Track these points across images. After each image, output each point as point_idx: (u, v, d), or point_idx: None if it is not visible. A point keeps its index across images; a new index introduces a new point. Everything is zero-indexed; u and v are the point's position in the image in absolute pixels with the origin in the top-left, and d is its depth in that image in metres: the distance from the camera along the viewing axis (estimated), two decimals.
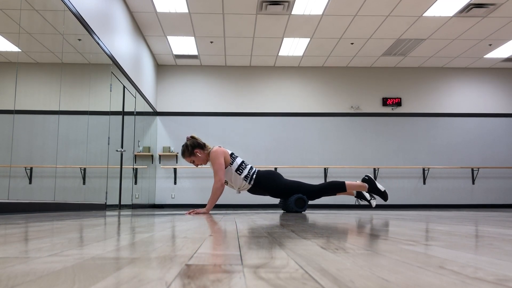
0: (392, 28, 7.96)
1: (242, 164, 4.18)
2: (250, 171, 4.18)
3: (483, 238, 1.19)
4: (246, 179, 4.15)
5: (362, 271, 0.61)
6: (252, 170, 4.20)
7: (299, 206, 4.14)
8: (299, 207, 4.14)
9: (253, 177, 4.17)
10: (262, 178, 4.20)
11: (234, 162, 4.14)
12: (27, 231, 1.44)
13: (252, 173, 4.19)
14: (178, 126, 9.88)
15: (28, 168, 4.02)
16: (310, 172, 9.84)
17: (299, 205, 4.14)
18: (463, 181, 9.98)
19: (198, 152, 4.08)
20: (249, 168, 4.20)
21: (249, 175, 4.16)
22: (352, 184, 4.32)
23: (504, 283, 0.52)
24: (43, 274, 0.59)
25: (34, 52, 4.18)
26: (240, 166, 4.15)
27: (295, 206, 4.13)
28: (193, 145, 4.08)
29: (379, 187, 4.34)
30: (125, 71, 6.94)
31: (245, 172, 4.15)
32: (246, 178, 4.15)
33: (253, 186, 4.20)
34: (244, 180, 4.15)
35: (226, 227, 1.71)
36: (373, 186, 4.33)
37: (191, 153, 4.08)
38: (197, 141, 4.12)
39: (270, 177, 4.23)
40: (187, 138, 4.17)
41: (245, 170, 4.16)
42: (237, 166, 4.14)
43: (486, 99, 10.24)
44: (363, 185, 4.33)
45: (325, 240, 1.11)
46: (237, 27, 7.90)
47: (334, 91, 10.17)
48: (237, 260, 0.72)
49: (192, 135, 4.19)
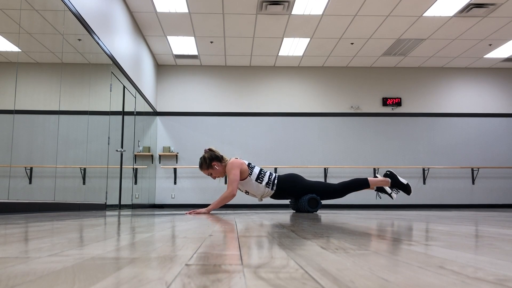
0: (392, 28, 7.96)
1: (261, 172, 4.15)
2: (270, 177, 4.16)
3: (483, 238, 1.19)
4: (268, 186, 4.13)
5: (362, 271, 0.61)
6: (273, 176, 4.18)
7: (312, 206, 4.14)
8: (312, 207, 4.14)
9: (274, 182, 4.14)
10: (284, 182, 4.18)
11: (253, 172, 4.11)
12: (27, 231, 1.44)
13: (273, 178, 4.16)
14: (178, 126, 9.88)
15: (28, 168, 4.02)
16: (310, 172, 9.84)
17: (312, 205, 4.14)
18: (463, 181, 9.98)
19: (216, 165, 4.04)
20: (268, 174, 4.18)
21: (270, 181, 4.14)
22: (376, 180, 4.31)
23: (504, 283, 0.52)
24: (43, 274, 0.59)
25: (34, 52, 4.18)
26: (259, 174, 4.13)
27: (308, 206, 4.12)
28: (211, 158, 4.05)
29: (402, 181, 4.32)
30: (125, 71, 6.94)
31: (265, 180, 4.12)
32: (268, 185, 4.12)
33: (276, 192, 4.17)
34: (267, 187, 4.12)
35: (226, 227, 1.71)
36: (396, 180, 4.31)
37: (208, 166, 4.05)
38: (215, 153, 4.08)
39: (292, 180, 4.22)
40: (205, 150, 4.13)
41: (265, 177, 4.14)
42: (257, 176, 4.11)
43: (486, 99, 10.24)
44: (387, 180, 4.31)
45: (325, 240, 1.11)
46: (237, 27, 7.90)
47: (334, 91, 10.17)
48: (237, 260, 0.72)
49: (210, 148, 4.15)
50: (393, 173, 4.35)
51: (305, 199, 4.14)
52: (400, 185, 4.32)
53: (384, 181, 4.32)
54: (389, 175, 4.35)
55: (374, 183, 4.30)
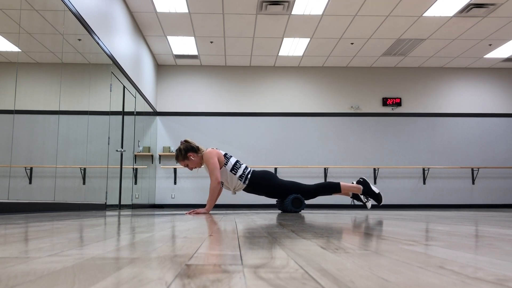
0: (392, 28, 7.96)
1: (237, 163, 4.17)
2: (245, 171, 4.17)
3: (483, 238, 1.19)
4: (241, 179, 4.14)
5: (362, 271, 0.61)
6: (247, 170, 4.20)
7: (296, 206, 4.15)
8: (296, 207, 4.15)
9: (248, 176, 4.16)
10: (257, 177, 4.19)
11: (228, 162, 4.13)
12: (27, 231, 1.44)
13: (247, 172, 4.18)
14: (178, 126, 9.88)
15: (28, 168, 4.02)
16: (310, 172, 9.84)
17: (296, 205, 4.15)
18: (463, 181, 9.98)
19: (192, 156, 4.09)
20: (243, 167, 4.19)
21: (244, 174, 4.16)
22: (347, 185, 4.34)
23: (504, 283, 0.52)
24: (43, 274, 0.59)
25: (34, 52, 4.18)
26: (234, 165, 4.14)
27: (292, 206, 4.13)
28: (187, 149, 4.09)
29: (374, 190, 4.35)
30: (125, 71, 6.94)
31: (239, 172, 4.14)
32: (241, 178, 4.14)
33: (248, 186, 4.19)
34: (239, 180, 4.14)
35: (226, 227, 1.71)
36: (368, 188, 4.35)
37: (184, 157, 4.10)
38: (191, 144, 4.12)
39: (265, 177, 4.23)
40: (181, 142, 4.18)
41: (239, 169, 4.15)
42: (232, 166, 4.13)
43: (486, 99, 10.24)
44: (358, 187, 4.34)
45: (325, 240, 1.11)
46: (237, 27, 7.90)
47: (334, 91, 10.17)
48: (237, 260, 0.72)
49: (186, 139, 4.20)
50: (366, 181, 4.39)
51: (289, 199, 4.15)
52: (371, 193, 4.35)
53: (356, 187, 4.35)
54: (362, 182, 4.38)
55: (346, 188, 4.33)
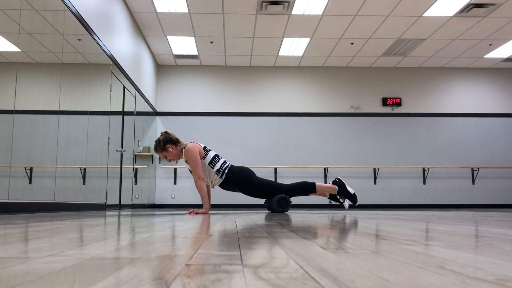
0: (392, 28, 7.96)
1: (215, 157, 4.16)
2: (222, 166, 4.16)
3: (483, 238, 1.19)
4: (218, 173, 4.13)
5: (362, 271, 0.61)
6: (225, 165, 4.18)
7: (281, 206, 4.15)
8: (281, 207, 4.15)
9: (225, 171, 4.14)
10: (234, 173, 4.18)
11: (207, 155, 4.11)
12: (27, 231, 1.44)
13: (225, 167, 4.16)
14: (178, 126, 9.88)
15: (28, 168, 4.02)
16: (310, 172, 9.84)
17: (281, 205, 4.15)
18: (463, 181, 9.98)
19: (170, 148, 4.08)
20: (222, 162, 4.17)
21: (221, 169, 4.14)
22: (322, 185, 4.35)
23: (504, 283, 0.52)
24: (43, 274, 0.59)
25: (34, 52, 4.18)
26: (213, 159, 4.13)
27: (277, 206, 4.14)
28: (166, 140, 4.08)
29: (349, 190, 4.37)
30: (125, 71, 6.94)
31: (217, 166, 4.13)
32: (218, 172, 4.13)
33: (224, 181, 4.17)
34: (216, 174, 4.13)
35: (226, 227, 1.71)
36: (343, 189, 4.36)
37: (163, 148, 4.09)
38: (170, 136, 4.11)
39: (242, 173, 4.21)
40: (161, 133, 4.17)
41: (217, 164, 4.14)
42: (210, 160, 4.12)
43: (486, 99, 10.24)
44: (333, 187, 4.35)
45: (325, 240, 1.11)
46: (237, 27, 7.90)
47: (334, 91, 10.17)
48: (237, 260, 0.72)
49: (166, 131, 4.18)
50: (341, 181, 4.40)
51: (275, 199, 4.15)
52: (347, 193, 4.37)
53: (331, 188, 4.36)
54: (337, 183, 4.39)
55: (321, 188, 4.34)
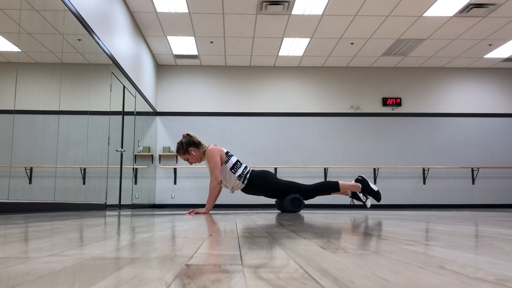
0: (392, 28, 7.96)
1: (237, 163, 4.16)
2: (244, 171, 4.17)
3: (483, 238, 1.19)
4: (240, 178, 4.13)
5: (362, 271, 0.61)
6: (247, 170, 4.19)
7: (294, 206, 4.14)
8: (294, 207, 4.14)
9: (246, 176, 4.15)
10: (256, 177, 4.18)
11: (229, 160, 4.12)
12: (27, 231, 1.44)
13: (246, 172, 4.17)
14: (178, 126, 9.88)
15: (28, 168, 4.02)
16: (310, 172, 9.84)
17: (294, 205, 4.14)
18: (463, 181, 9.98)
19: (193, 150, 4.07)
20: (243, 167, 4.18)
21: (243, 174, 4.15)
22: (346, 184, 4.33)
23: (504, 283, 0.52)
24: (43, 274, 0.59)
25: (34, 52, 4.18)
26: (235, 164, 4.13)
27: (290, 206, 4.13)
28: (188, 143, 4.07)
29: (372, 187, 4.34)
30: (125, 71, 6.94)
31: (239, 171, 4.13)
32: (240, 177, 4.13)
33: (246, 186, 4.18)
34: (238, 179, 4.13)
35: (226, 227, 1.71)
36: (367, 186, 4.33)
37: (185, 151, 4.07)
38: (192, 139, 4.10)
39: (264, 176, 4.22)
40: (183, 135, 4.15)
41: (239, 169, 4.14)
42: (232, 165, 4.12)
43: (486, 99, 10.24)
44: (357, 185, 4.33)
45: (325, 240, 1.11)
46: (237, 27, 7.90)
47: (334, 91, 10.17)
48: (237, 260, 0.72)
49: (188, 133, 4.17)
50: (364, 179, 4.38)
51: (288, 199, 4.14)
52: (370, 191, 4.34)
53: (354, 186, 4.34)
54: (360, 180, 4.37)
55: (344, 187, 4.32)
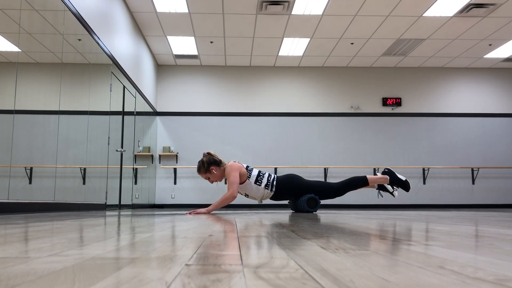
0: (392, 28, 7.96)
1: (260, 174, 4.15)
2: (269, 179, 4.16)
3: (483, 238, 1.19)
4: (268, 187, 4.12)
5: (362, 271, 0.61)
6: (271, 177, 4.18)
7: (311, 206, 4.15)
8: (311, 207, 4.15)
9: (273, 183, 4.14)
10: (283, 183, 4.18)
11: (251, 175, 4.10)
12: (27, 231, 1.44)
13: (272, 180, 4.16)
14: (178, 126, 9.88)
15: (28, 168, 4.02)
16: (310, 172, 9.84)
17: (311, 205, 4.15)
18: (463, 181, 9.98)
19: (214, 169, 4.04)
20: (267, 176, 4.17)
21: (269, 182, 4.14)
22: (374, 177, 4.33)
23: (504, 283, 0.52)
24: (43, 274, 0.59)
25: (34, 52, 4.18)
26: (258, 177, 4.12)
27: (307, 206, 4.13)
28: (209, 162, 4.04)
29: (400, 178, 4.33)
30: (125, 71, 6.94)
31: (264, 181, 4.12)
32: (267, 187, 4.12)
33: (275, 193, 4.17)
34: (266, 189, 4.12)
35: (226, 227, 1.71)
36: (394, 177, 4.33)
37: (206, 170, 4.04)
38: (213, 157, 4.07)
39: (291, 180, 4.22)
40: (203, 154, 4.12)
41: (264, 179, 4.13)
42: (255, 178, 4.11)
43: (486, 99, 10.24)
44: (385, 177, 4.33)
45: (325, 240, 1.11)
46: (237, 27, 7.90)
47: (334, 91, 10.17)
48: (237, 260, 0.72)
49: (209, 152, 4.14)
50: (391, 170, 4.38)
51: (304, 199, 4.14)
52: (398, 181, 4.34)
53: (382, 178, 4.34)
54: (387, 172, 4.37)
55: (373, 180, 4.32)
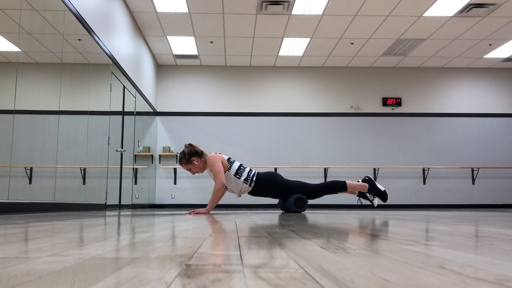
0: (392, 28, 7.95)
1: (240, 167, 4.17)
2: (249, 174, 4.18)
3: (483, 238, 1.19)
4: (247, 182, 4.14)
5: (362, 271, 0.61)
6: (252, 172, 4.20)
7: (298, 206, 4.14)
8: (298, 207, 4.14)
9: (253, 179, 4.16)
10: (262, 179, 4.19)
11: (232, 166, 4.13)
12: (27, 231, 1.44)
13: (252, 175, 4.18)
14: (178, 126, 9.88)
15: (28, 168, 4.02)
16: (310, 172, 9.84)
17: (298, 205, 4.14)
18: (463, 181, 9.98)
19: (195, 160, 4.07)
20: (248, 170, 4.19)
21: (249, 177, 4.16)
22: (353, 184, 4.36)
23: (504, 283, 0.52)
24: (43, 274, 0.59)
25: (34, 52, 4.18)
26: (238, 169, 4.14)
27: (294, 206, 4.13)
28: (191, 153, 4.07)
29: (379, 187, 4.38)
30: (125, 71, 6.94)
31: (244, 175, 4.15)
32: (246, 181, 4.14)
33: (253, 188, 4.20)
34: (245, 183, 4.14)
35: (226, 227, 1.71)
36: (373, 186, 4.38)
37: (188, 161, 4.08)
38: (195, 148, 4.11)
39: (270, 178, 4.23)
40: (185, 145, 4.16)
41: (244, 173, 4.15)
42: (236, 170, 4.13)
43: (486, 99, 10.24)
44: (364, 185, 4.37)
45: (325, 240, 1.11)
46: (237, 27, 7.90)
47: (334, 91, 10.17)
48: (237, 260, 0.72)
49: (190, 143, 4.18)
50: (371, 179, 4.43)
51: (292, 199, 4.15)
52: (377, 191, 4.39)
53: (361, 186, 4.38)
54: (367, 181, 4.41)
55: (351, 187, 4.36)
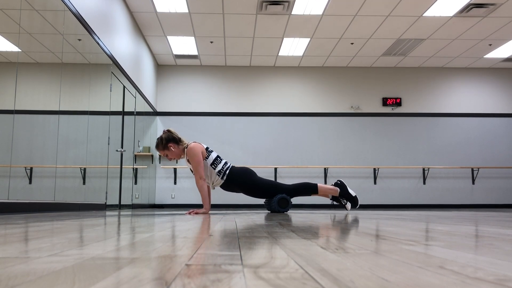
0: (392, 28, 7.95)
1: (217, 158, 4.16)
2: (224, 167, 4.16)
3: (483, 238, 1.19)
4: (219, 174, 4.13)
5: (362, 271, 0.61)
6: (226, 166, 4.18)
7: (282, 206, 4.15)
8: (282, 207, 4.15)
9: (226, 172, 4.15)
10: (235, 174, 4.18)
11: (210, 156, 4.12)
12: (27, 231, 1.44)
13: (226, 168, 4.17)
14: (178, 126, 9.87)
15: (28, 168, 4.02)
16: (310, 172, 9.84)
17: (282, 205, 4.15)
18: (463, 181, 9.98)
19: (172, 147, 4.06)
20: (223, 163, 4.18)
21: (223, 170, 4.14)
22: (325, 187, 4.38)
23: (504, 283, 0.52)
24: (43, 274, 0.59)
25: (34, 52, 4.18)
26: (215, 160, 4.13)
27: (278, 206, 4.14)
28: (168, 139, 4.06)
29: (350, 192, 4.40)
30: (125, 71, 6.94)
31: (219, 167, 4.13)
32: (219, 173, 4.13)
33: (225, 182, 4.18)
34: (217, 175, 4.13)
35: (226, 227, 1.71)
36: (345, 191, 4.39)
37: (164, 147, 4.07)
38: (172, 135, 4.10)
39: (243, 174, 4.22)
40: (163, 131, 4.15)
41: (219, 165, 4.14)
42: (212, 160, 4.12)
43: (486, 99, 10.24)
44: (335, 189, 4.38)
45: (325, 240, 1.11)
46: (237, 27, 7.90)
47: (334, 91, 10.17)
48: (237, 260, 0.72)
49: (168, 129, 4.16)
50: (343, 183, 4.43)
51: (276, 199, 4.16)
52: (348, 196, 4.40)
53: (333, 190, 4.39)
54: (339, 185, 4.43)
55: (323, 190, 4.37)
